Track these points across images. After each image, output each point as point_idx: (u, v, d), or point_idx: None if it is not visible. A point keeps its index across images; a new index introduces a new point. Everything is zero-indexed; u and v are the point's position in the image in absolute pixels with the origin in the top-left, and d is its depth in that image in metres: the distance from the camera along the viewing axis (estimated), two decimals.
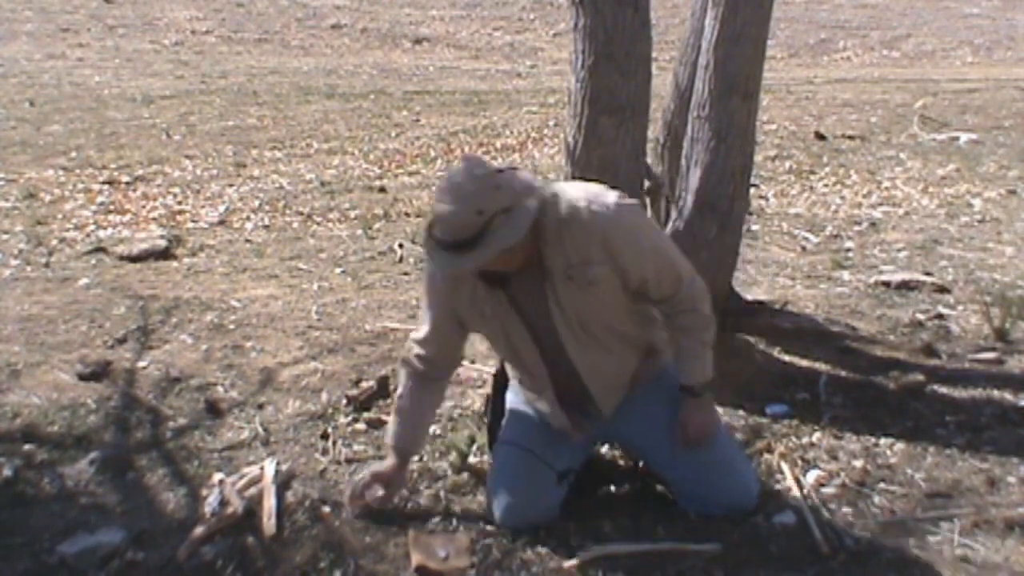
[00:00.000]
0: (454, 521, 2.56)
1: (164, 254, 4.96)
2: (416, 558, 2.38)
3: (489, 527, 2.51)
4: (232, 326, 3.82)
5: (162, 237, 5.19)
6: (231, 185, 6.55)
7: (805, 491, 2.69)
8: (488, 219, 2.18)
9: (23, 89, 10.29)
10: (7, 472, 2.72)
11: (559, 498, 2.55)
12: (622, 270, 2.35)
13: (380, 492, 2.58)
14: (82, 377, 3.29)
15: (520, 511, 2.50)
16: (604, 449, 2.86)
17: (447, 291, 2.46)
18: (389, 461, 2.61)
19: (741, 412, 3.12)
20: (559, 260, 2.32)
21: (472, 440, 2.88)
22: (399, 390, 2.63)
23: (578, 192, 2.36)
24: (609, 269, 2.34)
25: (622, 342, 2.50)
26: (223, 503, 2.55)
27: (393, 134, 8.39)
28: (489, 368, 3.11)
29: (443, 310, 2.50)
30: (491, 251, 2.20)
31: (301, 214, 5.86)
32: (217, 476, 2.69)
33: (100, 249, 5.04)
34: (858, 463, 2.84)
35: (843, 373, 3.38)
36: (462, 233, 2.18)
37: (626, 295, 2.42)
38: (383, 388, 3.25)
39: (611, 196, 2.37)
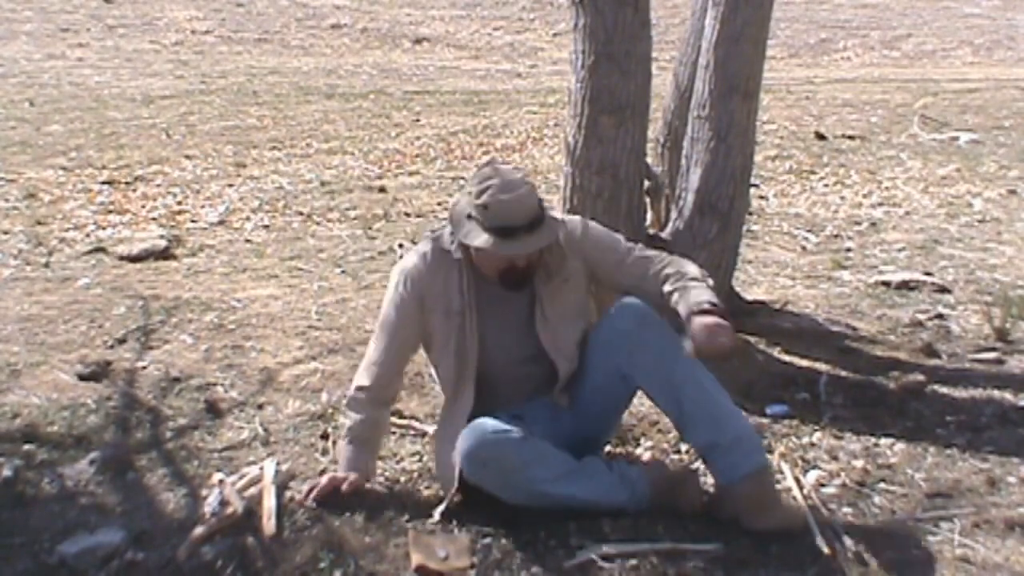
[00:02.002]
0: (454, 521, 2.56)
1: (164, 254, 4.95)
2: (416, 558, 2.38)
3: (489, 527, 2.51)
4: (232, 326, 3.82)
5: (162, 237, 5.19)
6: (231, 185, 6.55)
7: (805, 491, 2.69)
8: (540, 202, 2.54)
9: (23, 89, 10.28)
10: (7, 472, 2.72)
11: None
12: (597, 259, 2.67)
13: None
14: (82, 377, 3.29)
15: None
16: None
17: (428, 281, 2.62)
18: (351, 476, 2.63)
19: (742, 412, 3.12)
20: (540, 267, 2.62)
21: None
22: (351, 421, 2.67)
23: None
24: (582, 265, 2.66)
25: (573, 355, 2.67)
26: (223, 503, 2.55)
27: (393, 134, 8.39)
28: None
29: (409, 324, 2.66)
30: (552, 233, 2.53)
31: (301, 214, 5.86)
32: (217, 476, 2.69)
33: (100, 249, 5.04)
34: (858, 463, 2.84)
35: (843, 373, 3.38)
36: (531, 213, 2.49)
37: (588, 310, 2.76)
38: None
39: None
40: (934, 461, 2.85)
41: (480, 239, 2.48)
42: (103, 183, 6.49)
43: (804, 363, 3.45)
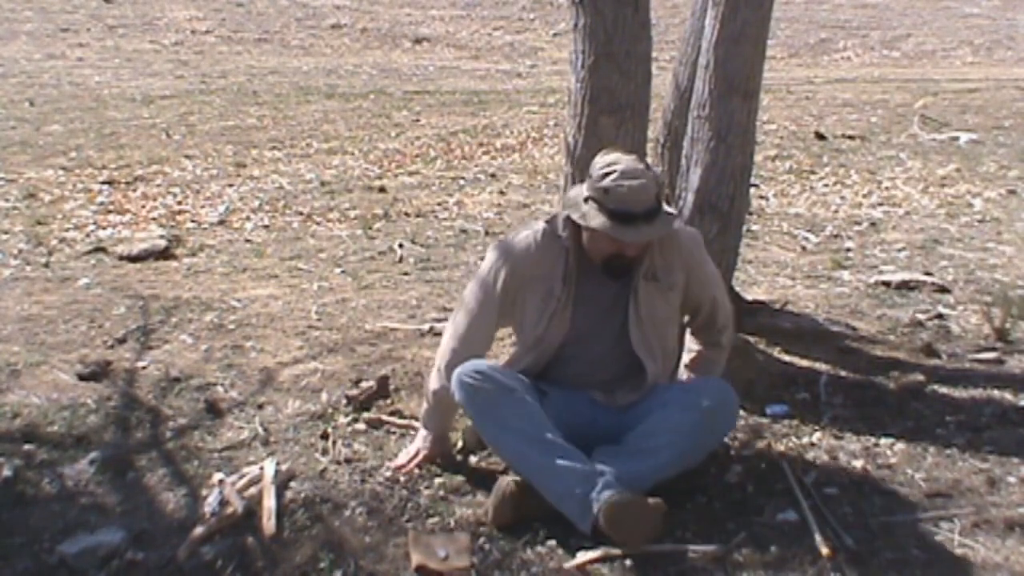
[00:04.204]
0: (454, 521, 2.56)
1: (164, 254, 4.95)
2: (416, 558, 2.38)
3: (489, 527, 2.51)
4: (232, 326, 3.82)
5: (162, 237, 5.19)
6: (231, 185, 6.55)
7: (805, 491, 2.69)
8: (658, 194, 2.57)
9: (23, 89, 10.28)
10: (7, 472, 2.72)
11: None
12: (694, 285, 2.74)
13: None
14: (82, 377, 3.29)
15: None
16: None
17: (533, 264, 2.66)
18: (430, 439, 2.79)
19: (741, 412, 3.12)
20: (647, 263, 2.66)
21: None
22: (434, 385, 2.76)
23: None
24: (683, 281, 2.71)
25: (664, 356, 2.76)
26: (223, 503, 2.55)
27: (393, 134, 8.39)
28: None
29: (503, 301, 2.69)
30: (666, 226, 2.59)
31: (301, 214, 5.86)
32: (217, 476, 2.69)
33: (100, 249, 5.04)
34: (858, 463, 2.84)
35: (843, 373, 3.38)
36: (650, 203, 2.52)
37: (679, 317, 2.82)
38: (383, 388, 3.25)
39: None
40: (934, 461, 2.85)
41: (597, 220, 2.53)
42: (103, 183, 6.49)
43: (804, 363, 3.45)
